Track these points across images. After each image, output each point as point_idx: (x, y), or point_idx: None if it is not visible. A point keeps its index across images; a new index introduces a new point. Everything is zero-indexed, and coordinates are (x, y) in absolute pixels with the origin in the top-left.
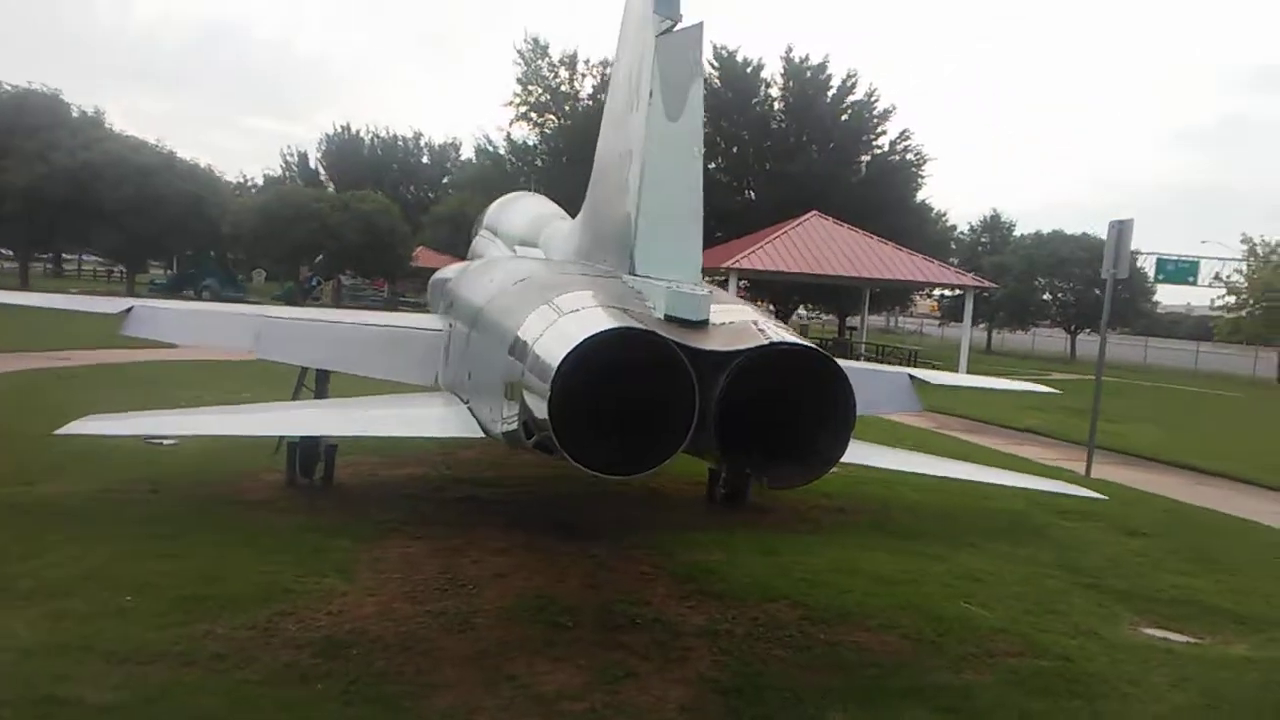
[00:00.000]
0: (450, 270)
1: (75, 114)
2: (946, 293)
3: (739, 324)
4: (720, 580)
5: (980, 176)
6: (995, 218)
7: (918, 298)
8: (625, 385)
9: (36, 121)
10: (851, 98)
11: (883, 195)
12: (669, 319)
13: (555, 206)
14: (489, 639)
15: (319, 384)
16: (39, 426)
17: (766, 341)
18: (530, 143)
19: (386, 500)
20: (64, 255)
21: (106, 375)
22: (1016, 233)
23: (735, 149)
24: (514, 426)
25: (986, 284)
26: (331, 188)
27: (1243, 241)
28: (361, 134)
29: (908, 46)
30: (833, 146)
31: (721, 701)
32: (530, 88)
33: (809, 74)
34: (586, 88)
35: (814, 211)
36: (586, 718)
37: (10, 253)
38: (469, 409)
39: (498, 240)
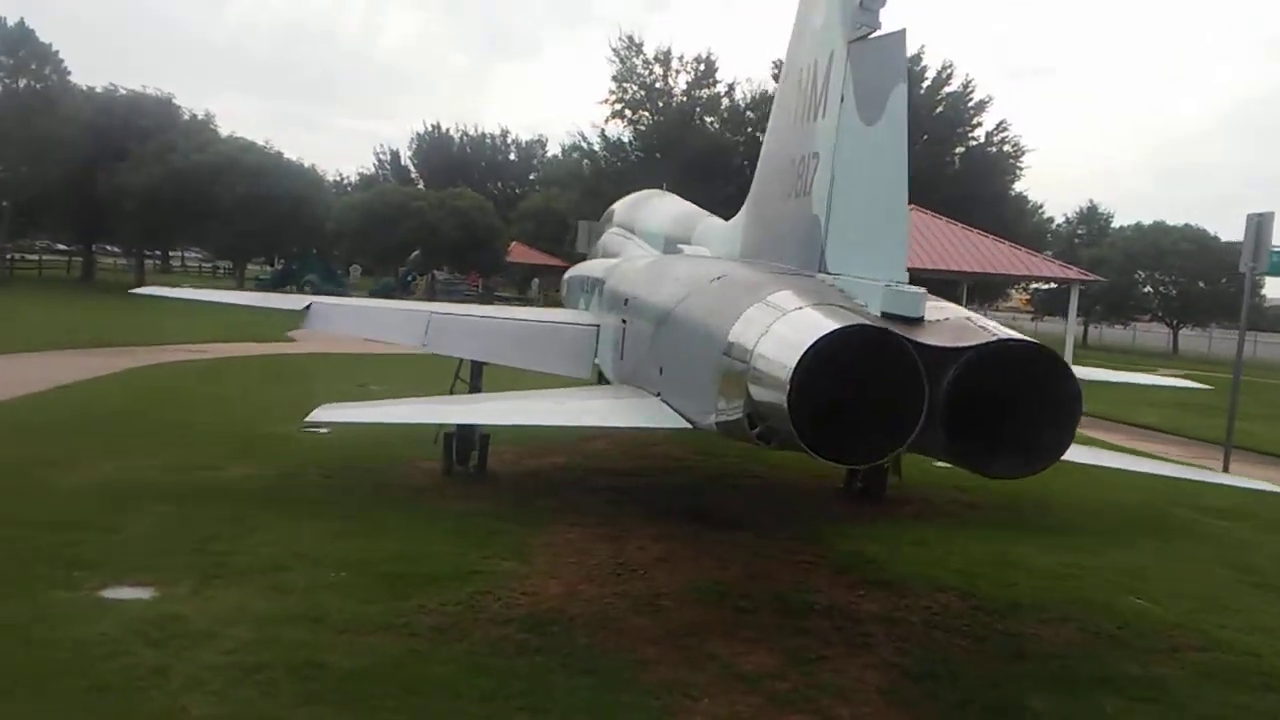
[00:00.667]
0: (593, 267)
1: (186, 117)
2: (1040, 286)
3: (954, 320)
4: (881, 569)
5: (1078, 166)
6: (1092, 209)
7: (1011, 291)
8: (856, 379)
9: (150, 124)
10: (947, 89)
11: (979, 188)
12: (885, 315)
13: (692, 204)
14: (677, 620)
15: (474, 376)
16: (202, 415)
17: (995, 338)
18: (625, 139)
19: (537, 488)
20: (170, 252)
21: (243, 367)
22: (1115, 224)
23: None
24: (733, 417)
25: (1091, 277)
26: (422, 184)
27: None
28: (451, 132)
29: (1007, 29)
30: (926, 139)
31: (917, 686)
32: (625, 85)
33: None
34: (680, 84)
35: (911, 206)
36: (793, 696)
37: (119, 250)
38: (660, 400)
39: (634, 238)
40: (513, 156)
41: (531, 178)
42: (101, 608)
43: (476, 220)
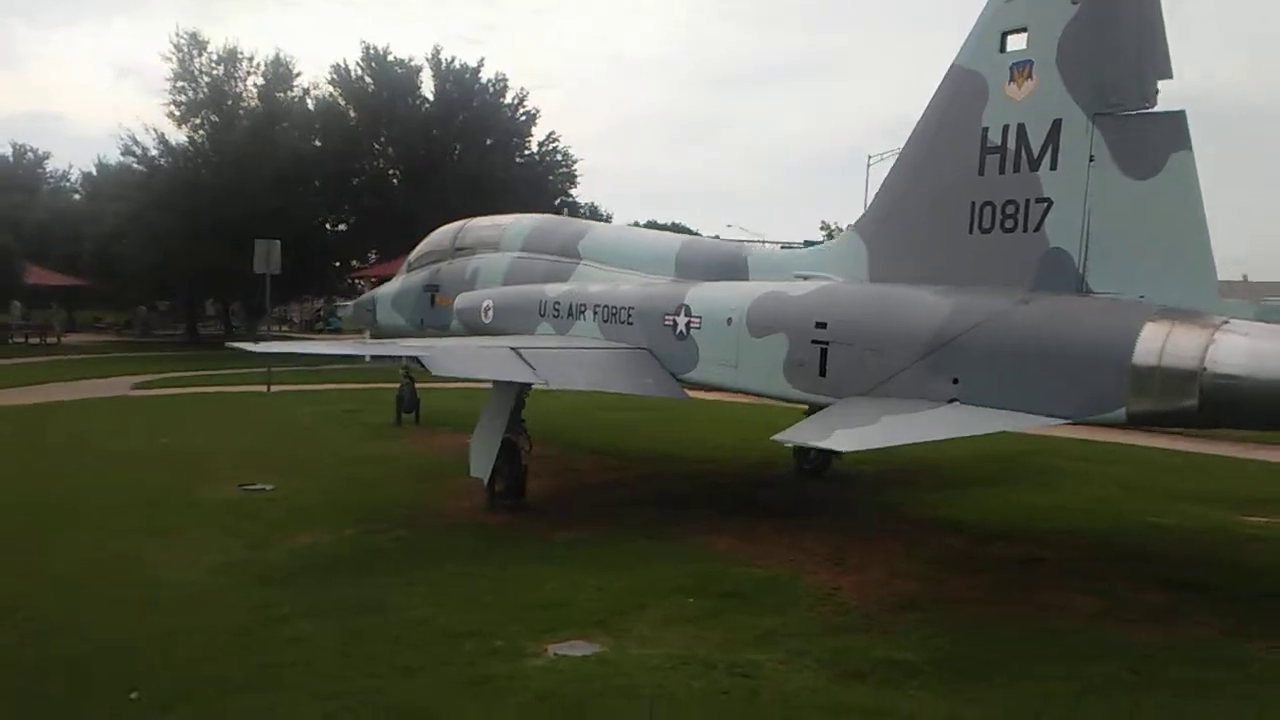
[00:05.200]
0: (563, 291)
1: None
2: None
3: None
4: (1003, 528)
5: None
6: (594, 208)
7: None
8: None
9: None
10: (502, 101)
11: (541, 196)
12: None
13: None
14: (997, 594)
15: (519, 405)
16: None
17: None
18: (190, 144)
19: (605, 511)
20: None
21: None
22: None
23: (393, 150)
24: (1168, 407)
25: None
26: None
27: (822, 228)
28: None
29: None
30: (479, 154)
31: (1202, 598)
32: (184, 85)
33: (458, 77)
34: (250, 87)
35: (518, 215)
36: (1167, 639)
37: None
38: (960, 405)
39: (589, 264)
40: None
41: None
42: (608, 663)
43: None
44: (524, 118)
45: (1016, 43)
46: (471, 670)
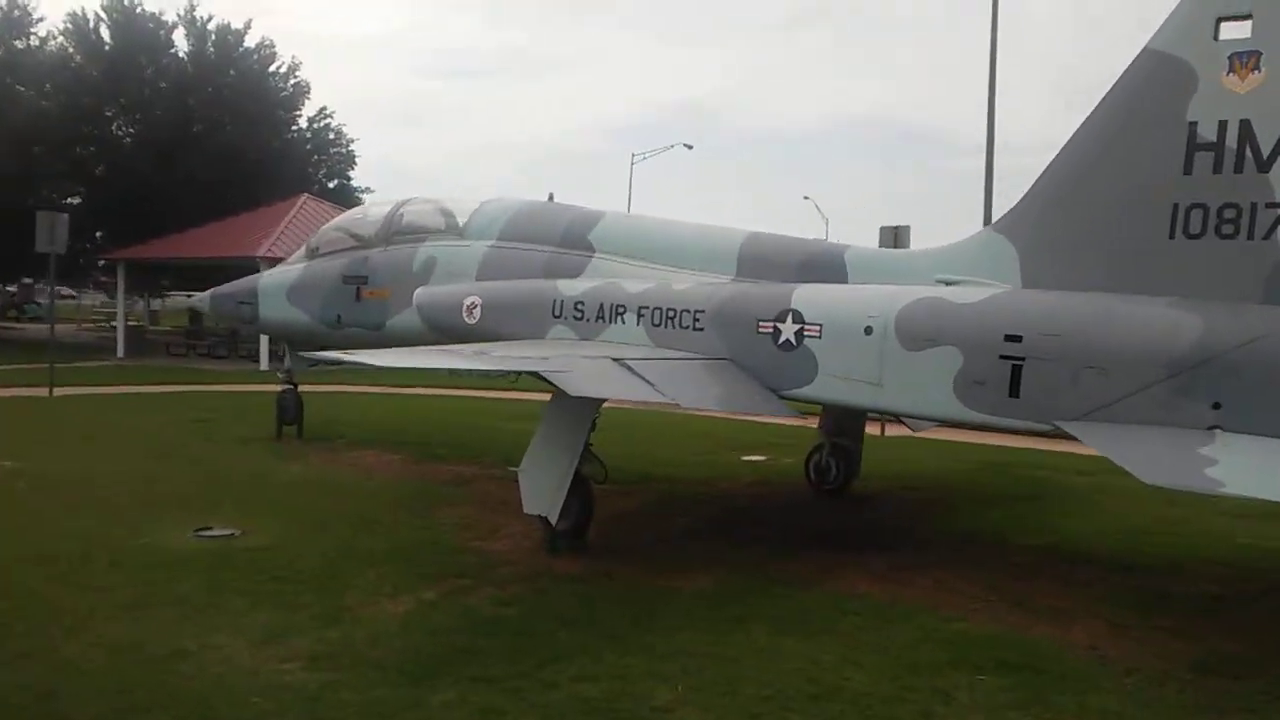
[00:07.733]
0: (601, 291)
1: None
2: None
3: None
4: (1084, 552)
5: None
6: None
7: None
8: None
9: None
10: (271, 68)
11: (309, 176)
12: None
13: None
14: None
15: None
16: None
17: None
18: None
19: (676, 544)
20: None
21: None
22: None
23: (138, 115)
24: None
25: None
26: None
27: None
28: None
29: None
30: (241, 127)
31: None
32: None
33: (219, 38)
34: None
35: (305, 194)
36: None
37: None
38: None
39: (603, 256)
40: None
41: None
42: None
43: None
44: (292, 89)
45: (1236, 30)
46: None
